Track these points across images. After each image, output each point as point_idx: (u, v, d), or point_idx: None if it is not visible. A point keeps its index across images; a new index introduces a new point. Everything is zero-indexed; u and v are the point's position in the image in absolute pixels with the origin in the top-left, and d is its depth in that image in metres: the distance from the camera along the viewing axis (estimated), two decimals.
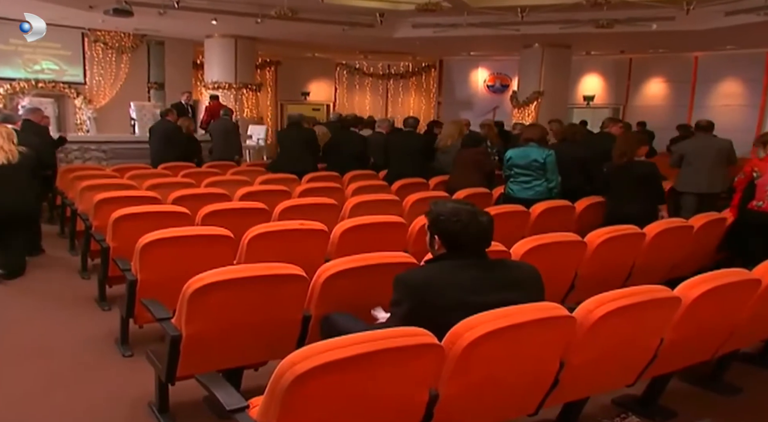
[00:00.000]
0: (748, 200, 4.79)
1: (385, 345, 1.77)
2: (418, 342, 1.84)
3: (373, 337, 1.79)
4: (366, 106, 16.73)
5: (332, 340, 1.76)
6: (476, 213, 2.28)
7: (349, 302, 2.83)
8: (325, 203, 4.81)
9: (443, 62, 16.96)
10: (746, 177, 4.91)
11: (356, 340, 1.76)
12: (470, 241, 2.26)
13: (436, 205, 2.37)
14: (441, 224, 2.29)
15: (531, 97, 13.50)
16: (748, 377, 3.31)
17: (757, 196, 4.73)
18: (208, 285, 2.50)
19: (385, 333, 1.82)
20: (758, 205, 4.72)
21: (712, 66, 14.80)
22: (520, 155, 5.42)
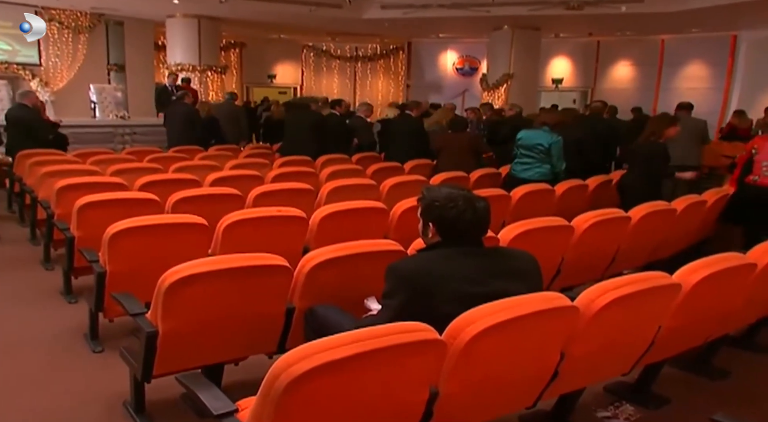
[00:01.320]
0: (746, 174, 5.13)
1: (386, 342, 1.64)
2: (420, 337, 1.72)
3: (373, 334, 1.66)
4: (334, 89, 16.50)
5: (329, 339, 1.62)
6: (473, 199, 2.15)
7: (335, 293, 2.70)
8: (300, 188, 4.64)
9: (412, 45, 16.80)
10: (747, 154, 5.22)
11: (355, 338, 1.63)
12: (467, 228, 2.13)
13: (430, 191, 2.23)
14: (435, 211, 2.15)
15: (501, 80, 13.44)
16: (734, 360, 3.28)
17: (754, 171, 5.06)
18: (185, 278, 2.33)
19: (385, 329, 1.70)
20: (754, 179, 5.06)
21: (678, 49, 14.95)
22: (529, 136, 5.53)
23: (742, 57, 14.77)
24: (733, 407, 2.84)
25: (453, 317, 1.90)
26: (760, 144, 5.11)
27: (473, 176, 6.02)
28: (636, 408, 2.76)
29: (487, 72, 14.26)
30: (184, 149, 7.08)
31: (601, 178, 5.81)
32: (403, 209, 4.04)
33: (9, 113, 7.21)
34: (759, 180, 5.02)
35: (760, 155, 5.04)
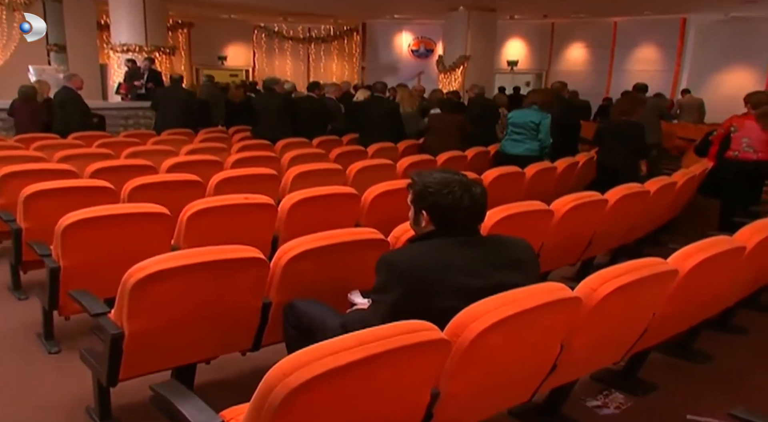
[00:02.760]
0: (725, 150, 5.46)
1: (391, 344, 1.49)
2: (426, 338, 1.57)
3: (374, 336, 1.50)
4: (287, 71, 16.15)
5: (328, 343, 1.46)
6: (469, 184, 2.00)
7: (315, 286, 2.53)
8: (264, 173, 4.42)
9: (366, 26, 16.56)
10: (724, 131, 5.54)
11: (357, 341, 1.47)
12: (464, 216, 1.99)
13: (421, 176, 2.07)
14: (429, 198, 1.99)
15: (457, 62, 13.37)
16: (714, 343, 3.26)
17: (733, 146, 5.41)
18: (153, 275, 2.12)
19: (388, 330, 1.54)
20: (734, 154, 5.40)
21: (631, 31, 15.16)
22: (520, 115, 5.93)
23: (691, 40, 15.10)
24: (720, 391, 2.81)
25: (452, 311, 1.76)
26: (739, 122, 5.45)
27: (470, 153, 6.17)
28: (625, 396, 2.70)
29: (443, 54, 14.15)
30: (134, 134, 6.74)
31: (569, 160, 5.78)
32: (374, 195, 3.88)
33: (58, 96, 7.47)
34: (739, 155, 5.36)
35: (739, 132, 5.38)
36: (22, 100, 7.28)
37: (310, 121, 7.49)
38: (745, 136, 5.34)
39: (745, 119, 5.48)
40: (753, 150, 5.33)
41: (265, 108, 7.44)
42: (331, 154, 5.96)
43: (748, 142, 5.33)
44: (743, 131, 5.38)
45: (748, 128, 5.36)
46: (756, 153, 5.31)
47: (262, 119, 7.44)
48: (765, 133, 5.28)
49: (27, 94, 7.31)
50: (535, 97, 5.99)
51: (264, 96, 7.71)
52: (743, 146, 5.36)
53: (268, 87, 7.63)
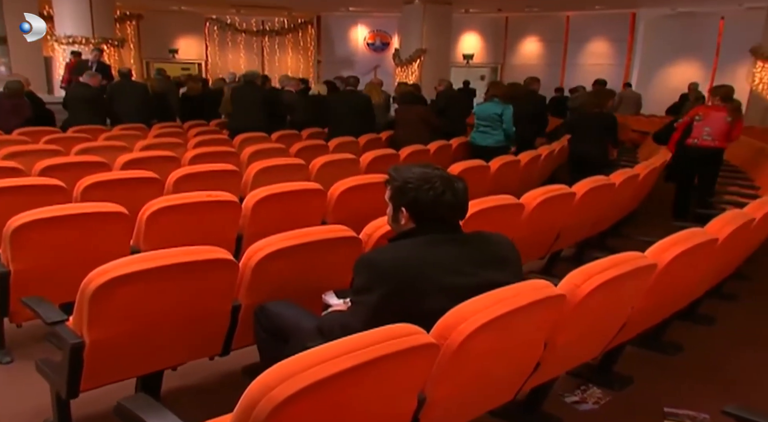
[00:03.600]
0: (686, 138, 5.81)
1: (378, 352, 1.40)
2: (414, 343, 1.49)
3: (362, 343, 1.42)
4: (241, 64, 15.81)
5: (311, 353, 1.36)
6: (450, 179, 1.93)
7: (286, 287, 2.43)
8: (224, 169, 4.26)
9: (321, 19, 16.36)
10: (689, 120, 5.89)
11: (344, 349, 1.38)
12: (445, 213, 1.92)
13: (400, 171, 1.98)
14: (410, 194, 1.91)
15: (414, 55, 13.31)
16: (682, 333, 3.28)
17: (694, 135, 5.76)
18: (114, 279, 1.98)
19: (374, 336, 1.46)
20: (694, 142, 5.75)
21: (583, 26, 15.38)
22: (483, 108, 6.30)
23: (641, 34, 15.42)
24: (693, 382, 2.82)
25: (437, 312, 1.69)
26: (705, 112, 5.82)
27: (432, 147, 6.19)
28: (603, 391, 2.68)
29: (399, 47, 14.09)
30: (84, 129, 6.46)
31: (531, 153, 5.79)
32: (341, 191, 3.78)
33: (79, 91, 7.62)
34: (699, 142, 5.73)
35: (703, 122, 5.74)
36: (7, 95, 6.99)
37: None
38: (708, 125, 5.70)
39: (711, 109, 5.82)
40: (711, 138, 5.69)
41: (243, 101, 7.36)
42: (291, 149, 5.82)
43: (709, 131, 5.69)
44: (707, 120, 5.73)
45: (712, 119, 5.71)
46: (714, 141, 5.69)
47: (238, 112, 7.37)
48: (726, 124, 5.66)
49: (12, 90, 7.02)
50: (496, 90, 6.34)
51: (242, 89, 7.60)
52: (703, 135, 5.72)
53: (248, 80, 7.56)
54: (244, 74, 7.94)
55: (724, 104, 5.76)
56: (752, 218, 3.00)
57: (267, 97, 7.51)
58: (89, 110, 7.32)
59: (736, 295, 3.85)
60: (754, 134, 8.89)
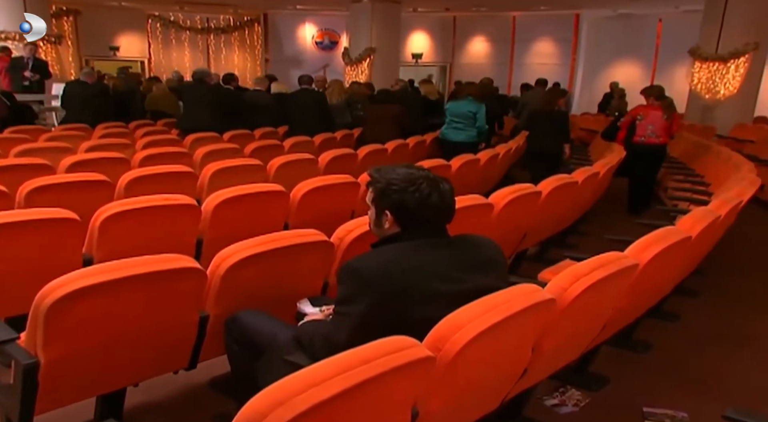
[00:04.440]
0: (632, 136, 6.32)
1: (376, 369, 1.30)
2: (412, 357, 1.40)
3: (358, 360, 1.31)
4: (185, 63, 15.37)
5: (305, 373, 1.26)
6: (437, 180, 1.84)
7: (256, 295, 2.31)
8: (179, 171, 4.07)
9: (268, 16, 16.06)
10: (631, 119, 6.45)
11: (337, 368, 1.28)
12: (432, 216, 1.83)
13: (382, 172, 1.87)
14: (394, 196, 1.81)
15: (363, 54, 13.21)
16: (651, 331, 3.30)
17: (639, 133, 6.27)
18: (73, 293, 1.81)
19: (370, 351, 1.35)
20: (641, 139, 6.24)
21: (529, 26, 15.61)
22: (457, 106, 6.57)
23: (584, 35, 15.74)
24: (667, 379, 2.83)
25: (426, 321, 1.60)
26: (645, 111, 6.36)
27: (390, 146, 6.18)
28: (582, 392, 2.65)
29: (348, 46, 13.97)
30: (23, 129, 6.12)
31: (490, 152, 5.79)
32: (304, 192, 3.65)
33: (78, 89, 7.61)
34: (645, 140, 6.23)
35: (645, 121, 6.26)
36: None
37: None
38: (650, 124, 6.23)
39: (650, 109, 6.35)
40: (656, 136, 6.22)
41: (195, 100, 7.17)
42: (245, 149, 5.65)
43: (653, 129, 6.22)
44: (648, 119, 6.25)
45: (653, 117, 6.23)
46: (658, 138, 6.23)
47: (189, 111, 7.20)
48: (666, 122, 6.21)
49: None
50: (471, 90, 6.76)
51: (194, 87, 7.40)
52: (648, 133, 6.23)
53: (200, 78, 7.34)
54: (194, 72, 7.69)
55: (658, 103, 6.28)
56: (719, 215, 3.03)
57: (219, 96, 7.32)
58: (88, 108, 7.34)
59: (697, 291, 3.91)
60: (695, 132, 9.18)
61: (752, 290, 4.15)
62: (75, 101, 7.48)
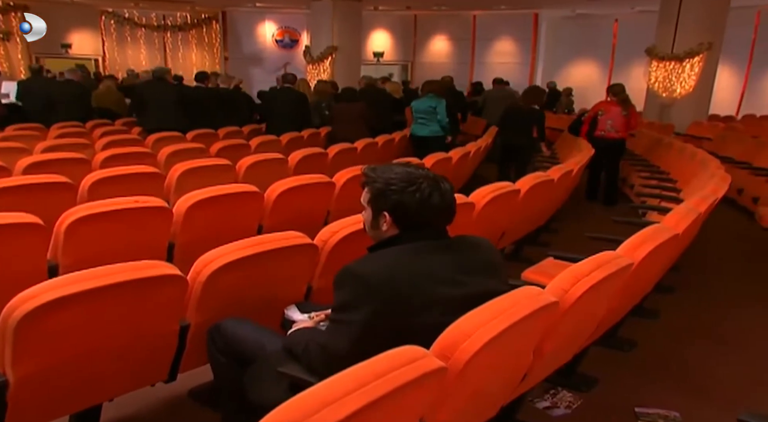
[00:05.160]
0: (593, 130, 6.76)
1: (392, 383, 1.22)
2: (426, 368, 1.31)
3: (372, 374, 1.22)
4: (142, 61, 14.97)
5: (318, 389, 1.16)
6: (437, 179, 1.75)
7: (239, 302, 2.19)
8: (145, 172, 3.90)
9: (226, 14, 15.75)
10: (593, 114, 6.88)
11: (353, 383, 1.18)
12: (433, 217, 1.74)
13: (379, 171, 1.77)
14: (393, 197, 1.71)
15: (325, 53, 13.05)
16: (632, 328, 3.29)
17: (600, 127, 6.73)
18: (45, 306, 1.67)
19: (382, 364, 1.27)
20: (602, 134, 6.69)
21: (489, 25, 15.70)
22: (420, 102, 6.86)
23: (544, 34, 15.92)
24: (654, 377, 2.82)
25: (430, 327, 1.53)
26: (606, 107, 6.81)
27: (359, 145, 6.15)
28: (573, 394, 2.61)
29: (309, 44, 13.80)
30: None
31: (460, 150, 5.75)
32: (278, 193, 3.53)
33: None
34: (605, 134, 6.67)
35: (605, 116, 6.71)
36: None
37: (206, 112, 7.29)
38: (610, 119, 6.68)
39: (610, 105, 6.81)
40: (615, 130, 6.66)
41: (157, 99, 6.97)
42: (211, 148, 5.48)
43: (612, 124, 6.67)
44: (608, 115, 6.71)
45: (613, 113, 6.69)
46: (617, 133, 6.67)
47: (152, 110, 6.98)
48: (624, 118, 6.65)
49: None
50: (431, 87, 6.93)
51: (154, 86, 7.21)
52: (608, 127, 6.68)
53: (160, 77, 7.22)
54: (154, 70, 7.58)
55: (616, 99, 6.73)
56: (700, 211, 3.03)
57: (182, 95, 7.20)
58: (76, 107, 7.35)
59: (673, 287, 3.93)
60: (654, 129, 9.35)
61: (724, 285, 4.20)
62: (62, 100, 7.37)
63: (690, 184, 5.04)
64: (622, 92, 6.87)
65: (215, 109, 7.33)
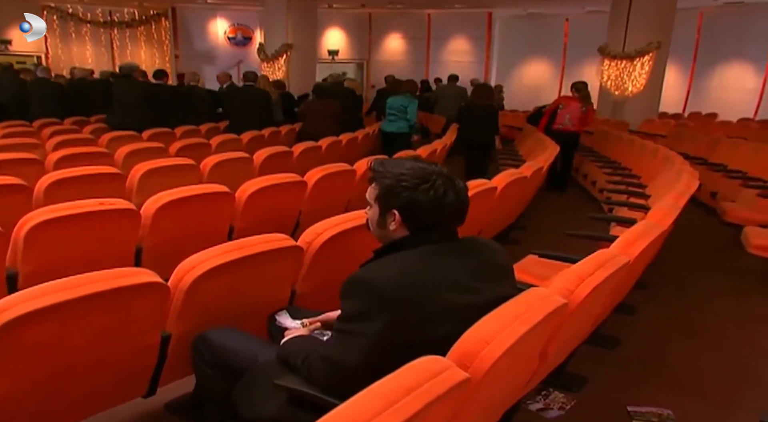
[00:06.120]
0: (552, 123, 7.17)
1: (422, 399, 1.13)
2: (453, 380, 1.23)
3: (401, 390, 1.13)
4: (88, 58, 14.39)
5: (344, 410, 1.06)
6: (451, 176, 1.64)
7: (223, 309, 2.06)
8: (105, 172, 3.70)
9: (176, 10, 15.31)
10: (553, 107, 7.34)
11: (381, 403, 1.09)
12: (446, 217, 1.63)
13: (388, 166, 1.64)
14: (404, 195, 1.58)
15: (280, 51, 12.82)
16: (613, 325, 3.27)
17: (558, 121, 7.16)
18: (14, 321, 1.51)
19: (409, 378, 1.17)
20: (560, 127, 7.11)
21: (444, 23, 15.73)
22: (395, 100, 7.18)
23: (497, 33, 16.06)
24: (640, 375, 2.80)
25: (444, 338, 1.44)
26: (566, 102, 7.29)
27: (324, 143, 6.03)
28: (565, 395, 2.56)
29: (263, 42, 13.54)
30: None
31: (428, 147, 5.70)
32: (250, 193, 3.39)
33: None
34: (563, 128, 7.08)
35: (564, 110, 7.14)
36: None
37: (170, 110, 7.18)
38: (568, 113, 7.12)
39: (571, 100, 7.28)
40: (571, 124, 7.10)
41: (124, 96, 6.83)
42: (170, 148, 5.27)
43: (569, 118, 7.10)
44: (567, 109, 7.14)
45: (572, 108, 7.14)
46: (573, 126, 7.11)
47: (119, 108, 6.84)
48: (581, 113, 7.08)
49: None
50: (408, 87, 7.49)
51: (122, 83, 7.09)
52: (565, 121, 7.11)
53: (127, 74, 7.07)
54: (120, 67, 7.56)
55: (578, 95, 7.17)
56: (680, 206, 3.04)
57: (148, 92, 7.06)
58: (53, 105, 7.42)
59: (646, 283, 3.94)
60: (610, 126, 9.50)
61: (694, 279, 4.25)
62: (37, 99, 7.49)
63: (655, 180, 5.10)
64: (585, 89, 7.26)
65: (181, 106, 7.20)
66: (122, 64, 7.38)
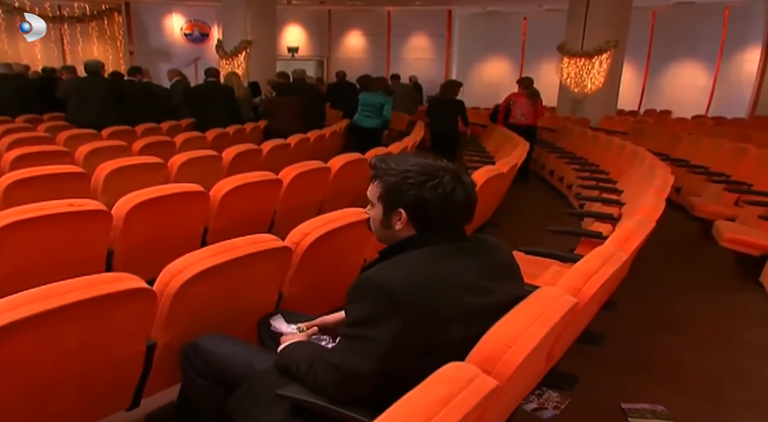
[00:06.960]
0: (507, 118, 7.77)
1: (459, 412, 1.06)
2: (485, 390, 1.16)
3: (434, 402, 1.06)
4: (36, 54, 13.84)
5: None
6: (458, 172, 1.55)
7: (210, 315, 1.95)
8: (67, 172, 3.53)
9: (130, 5, 14.87)
10: (505, 104, 7.91)
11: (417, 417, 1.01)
12: (454, 215, 1.55)
13: (391, 161, 1.56)
14: (410, 192, 1.50)
15: (239, 47, 12.56)
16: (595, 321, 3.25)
17: (513, 115, 7.74)
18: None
19: (439, 389, 1.10)
20: (514, 121, 7.67)
21: (403, 21, 15.70)
22: (369, 97, 7.45)
23: (457, 31, 16.11)
24: (629, 372, 2.79)
25: (457, 342, 1.38)
26: (516, 98, 7.85)
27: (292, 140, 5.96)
28: (559, 394, 2.52)
29: (222, 39, 13.25)
30: None
31: (398, 145, 5.63)
32: (224, 192, 3.27)
33: None
34: (517, 122, 7.64)
35: (515, 106, 7.73)
36: None
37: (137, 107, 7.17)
38: (519, 108, 7.68)
39: (519, 96, 7.83)
40: (524, 118, 7.64)
41: (88, 93, 6.71)
42: (133, 146, 5.07)
43: (521, 112, 7.66)
44: (518, 104, 7.71)
45: (521, 103, 7.70)
46: (526, 120, 7.64)
47: (83, 105, 6.68)
48: (530, 107, 7.61)
49: None
50: (382, 85, 7.78)
51: (87, 80, 6.95)
52: (518, 115, 7.68)
53: (94, 71, 6.92)
54: (85, 64, 7.15)
55: (525, 91, 7.69)
56: (663, 203, 3.04)
57: (115, 90, 7.00)
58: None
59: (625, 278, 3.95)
60: (571, 123, 9.62)
61: (669, 271, 4.29)
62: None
63: (624, 176, 5.14)
64: (531, 85, 7.79)
65: (144, 103, 7.06)
66: (87, 61, 7.16)
